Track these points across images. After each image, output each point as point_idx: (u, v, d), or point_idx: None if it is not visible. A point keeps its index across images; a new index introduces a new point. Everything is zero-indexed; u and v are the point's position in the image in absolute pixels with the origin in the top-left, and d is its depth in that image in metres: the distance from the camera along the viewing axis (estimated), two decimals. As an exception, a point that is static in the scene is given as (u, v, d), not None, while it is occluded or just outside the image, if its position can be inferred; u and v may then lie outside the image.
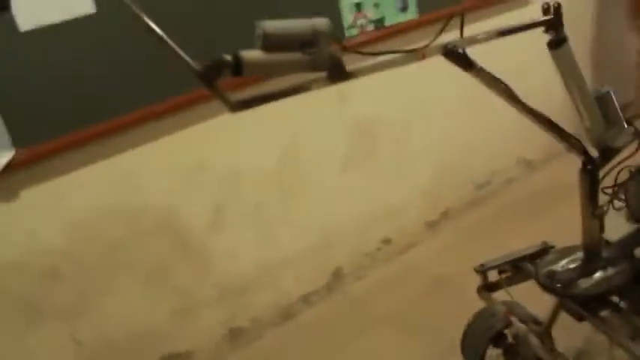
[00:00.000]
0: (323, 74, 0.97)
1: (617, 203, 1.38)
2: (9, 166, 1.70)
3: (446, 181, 2.80)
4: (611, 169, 1.29)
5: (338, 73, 0.96)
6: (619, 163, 1.31)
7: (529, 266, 1.46)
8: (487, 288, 1.53)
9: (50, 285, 1.88)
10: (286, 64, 0.92)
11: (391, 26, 2.35)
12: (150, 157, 1.99)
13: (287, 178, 2.31)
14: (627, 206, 1.36)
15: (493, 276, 1.55)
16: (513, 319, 1.40)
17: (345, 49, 0.97)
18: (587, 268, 1.30)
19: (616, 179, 1.35)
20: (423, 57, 1.02)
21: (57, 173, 1.84)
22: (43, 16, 1.68)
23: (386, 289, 2.45)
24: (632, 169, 1.32)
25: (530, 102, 1.25)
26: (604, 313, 1.29)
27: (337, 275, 2.50)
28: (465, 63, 1.08)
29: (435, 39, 1.05)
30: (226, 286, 2.21)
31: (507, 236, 2.36)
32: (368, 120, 2.47)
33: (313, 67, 0.93)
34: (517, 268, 1.51)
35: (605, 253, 1.31)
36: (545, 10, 1.13)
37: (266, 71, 0.92)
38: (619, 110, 1.21)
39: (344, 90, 2.34)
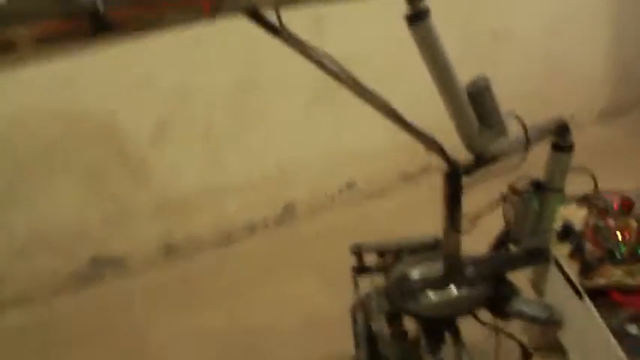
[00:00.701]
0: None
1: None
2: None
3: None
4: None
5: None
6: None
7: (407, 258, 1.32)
8: (358, 270, 1.40)
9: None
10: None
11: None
12: (93, 65, 1.94)
13: (244, 102, 2.20)
14: (505, 224, 1.16)
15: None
16: (359, 315, 1.29)
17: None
18: (439, 283, 1.14)
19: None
20: (208, 11, 0.83)
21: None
22: None
23: (335, 236, 2.36)
24: (513, 186, 1.10)
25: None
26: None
27: (289, 210, 2.43)
28: (268, 27, 0.90)
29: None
30: (165, 202, 2.22)
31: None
32: (345, 55, 2.24)
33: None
34: (397, 257, 1.37)
35: (467, 271, 1.14)
36: None
37: None
38: (499, 109, 0.98)
39: (321, 20, 2.13)
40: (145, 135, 2.11)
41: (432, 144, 1.00)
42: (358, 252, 1.38)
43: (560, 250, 1.14)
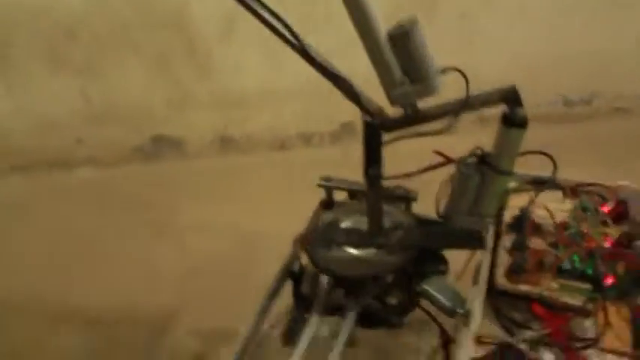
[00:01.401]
0: None
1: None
2: None
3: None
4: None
5: None
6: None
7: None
8: (324, 205, 1.32)
9: (68, 43, 2.14)
10: None
11: None
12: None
13: (312, 7, 2.10)
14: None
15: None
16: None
17: None
18: (357, 240, 1.06)
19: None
20: None
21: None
22: None
23: (390, 162, 2.26)
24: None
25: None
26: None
27: (347, 129, 2.35)
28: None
29: None
30: (225, 96, 2.28)
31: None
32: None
33: None
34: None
35: (390, 236, 1.03)
36: None
37: None
38: (427, 60, 0.82)
39: None
40: (213, 28, 2.13)
41: (348, 90, 0.88)
42: (328, 187, 1.30)
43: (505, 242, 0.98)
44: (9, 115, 2.30)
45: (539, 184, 1.06)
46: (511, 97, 0.84)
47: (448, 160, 0.94)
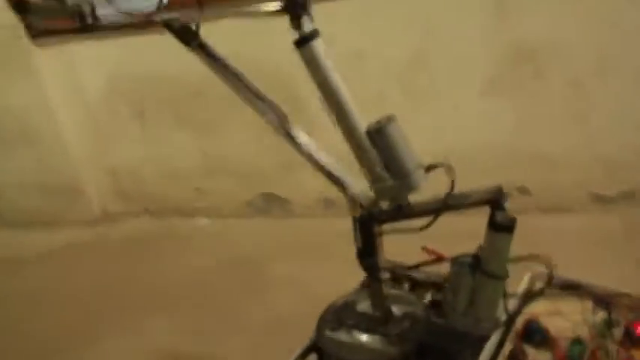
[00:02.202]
0: None
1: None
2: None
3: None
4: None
5: None
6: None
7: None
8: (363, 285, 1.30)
9: (192, 103, 2.42)
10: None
11: None
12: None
13: (416, 78, 2.12)
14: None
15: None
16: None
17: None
18: (369, 325, 1.04)
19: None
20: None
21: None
22: None
23: None
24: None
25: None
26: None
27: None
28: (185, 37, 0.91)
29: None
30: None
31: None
32: (532, 43, 1.92)
33: None
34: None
35: (392, 326, 1.00)
36: None
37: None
38: (403, 156, 0.80)
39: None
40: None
41: (337, 183, 0.90)
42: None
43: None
44: (143, 165, 2.65)
45: (569, 288, 0.95)
46: (495, 200, 0.79)
47: (440, 258, 0.90)
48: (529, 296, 0.94)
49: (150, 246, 2.54)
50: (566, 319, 0.90)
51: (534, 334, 0.89)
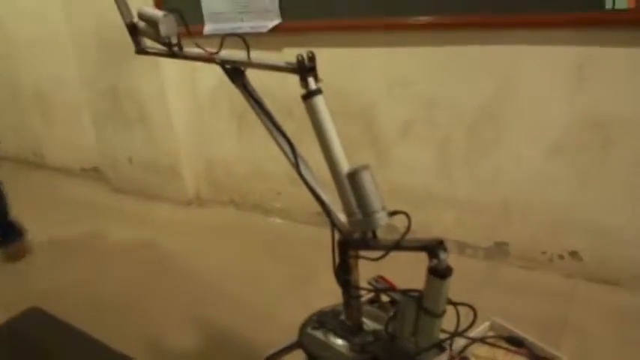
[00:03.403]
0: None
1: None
2: (276, 29, 2.49)
3: None
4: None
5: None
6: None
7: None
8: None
9: (284, 118, 2.70)
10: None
11: None
12: (367, 58, 2.38)
13: (481, 128, 2.23)
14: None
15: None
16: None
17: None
18: (344, 332, 1.22)
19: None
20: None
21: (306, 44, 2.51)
22: None
23: (538, 300, 2.11)
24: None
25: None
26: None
27: (501, 249, 2.36)
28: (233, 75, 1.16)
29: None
30: (395, 190, 2.52)
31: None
32: (605, 115, 1.96)
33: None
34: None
35: (362, 339, 1.18)
36: (301, 62, 1.00)
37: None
38: (368, 199, 0.97)
39: (585, 66, 1.92)
40: (394, 127, 2.43)
41: (325, 210, 1.09)
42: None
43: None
44: (236, 161, 3.02)
45: (511, 342, 1.06)
46: (431, 249, 0.95)
47: (392, 288, 1.06)
48: (475, 340, 1.07)
49: (231, 232, 2.91)
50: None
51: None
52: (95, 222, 3.12)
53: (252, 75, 1.27)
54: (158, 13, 1.25)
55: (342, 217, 1.10)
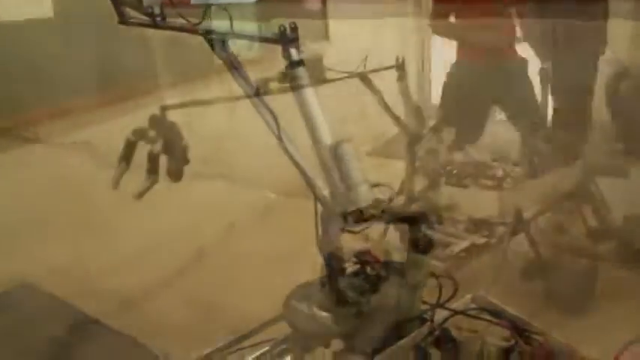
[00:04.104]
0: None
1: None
2: None
3: None
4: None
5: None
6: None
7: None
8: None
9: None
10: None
11: None
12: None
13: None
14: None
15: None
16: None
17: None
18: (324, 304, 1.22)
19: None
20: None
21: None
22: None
23: None
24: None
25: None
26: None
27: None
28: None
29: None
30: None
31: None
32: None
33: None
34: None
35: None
36: (283, 33, 0.99)
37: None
38: (352, 174, 0.97)
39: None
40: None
41: (309, 184, 1.08)
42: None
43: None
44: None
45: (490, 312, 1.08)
46: (412, 221, 0.95)
47: (376, 261, 1.07)
48: (457, 312, 1.08)
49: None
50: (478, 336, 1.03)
51: (445, 341, 1.03)
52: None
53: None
54: (141, -19, 1.22)
55: (323, 192, 1.10)
